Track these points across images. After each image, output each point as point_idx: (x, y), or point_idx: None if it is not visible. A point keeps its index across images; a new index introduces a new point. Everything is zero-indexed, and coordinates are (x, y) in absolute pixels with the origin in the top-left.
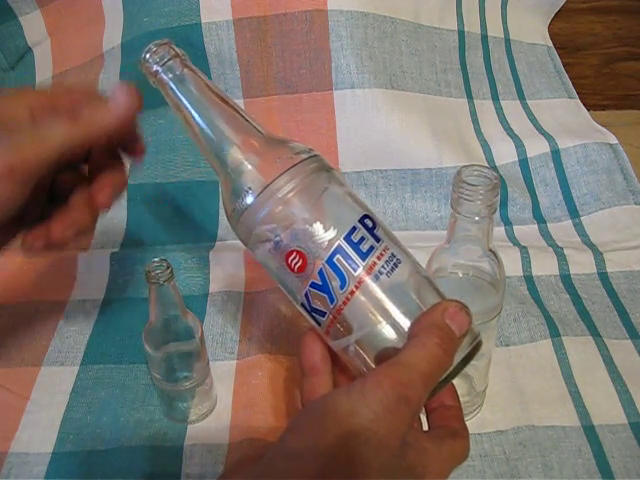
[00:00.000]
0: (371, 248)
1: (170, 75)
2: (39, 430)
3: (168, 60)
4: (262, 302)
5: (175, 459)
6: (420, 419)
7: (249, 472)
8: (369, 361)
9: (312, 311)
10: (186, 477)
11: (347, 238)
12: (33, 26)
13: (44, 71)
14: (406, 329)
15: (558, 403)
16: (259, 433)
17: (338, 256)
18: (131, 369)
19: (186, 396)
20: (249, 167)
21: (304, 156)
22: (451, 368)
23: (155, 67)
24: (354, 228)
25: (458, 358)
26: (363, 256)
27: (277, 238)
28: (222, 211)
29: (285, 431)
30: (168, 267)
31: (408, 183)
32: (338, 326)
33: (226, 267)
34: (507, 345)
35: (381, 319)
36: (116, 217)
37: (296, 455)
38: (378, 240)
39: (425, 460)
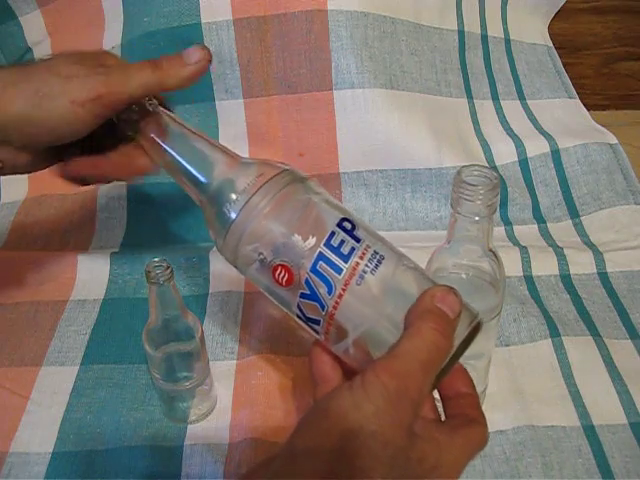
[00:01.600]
0: (352, 249)
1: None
2: (39, 430)
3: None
4: (262, 302)
5: (175, 459)
6: (437, 410)
7: (263, 474)
8: (369, 359)
9: (308, 321)
10: (186, 477)
11: (327, 244)
12: (33, 26)
13: None
14: (399, 322)
15: (558, 403)
16: (259, 433)
17: (321, 262)
18: (131, 369)
19: (186, 396)
20: (225, 190)
21: (277, 171)
22: (452, 351)
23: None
24: (332, 233)
25: (458, 341)
26: (345, 258)
27: (261, 256)
28: None
29: (293, 431)
30: (168, 267)
31: (408, 183)
32: (334, 331)
33: (226, 267)
34: (507, 345)
35: (373, 316)
36: (116, 217)
37: (304, 455)
38: (358, 240)
39: (437, 451)
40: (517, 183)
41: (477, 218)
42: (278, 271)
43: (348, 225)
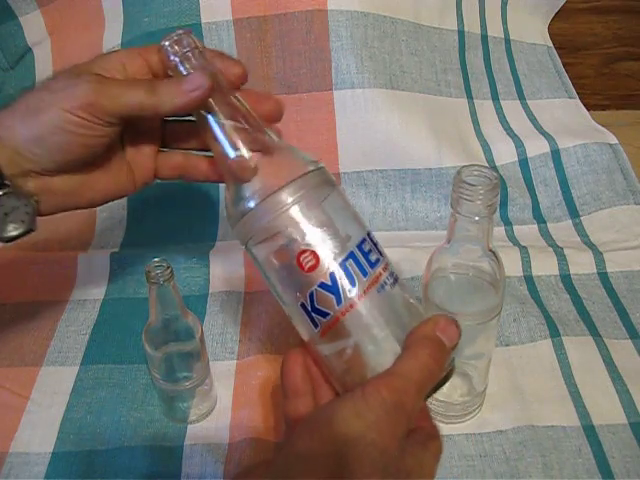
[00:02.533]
0: (377, 260)
1: (187, 66)
2: (39, 430)
3: (187, 51)
4: (262, 302)
5: (175, 459)
6: (432, 420)
7: (263, 474)
8: (365, 365)
9: (313, 311)
10: (186, 477)
11: (359, 246)
12: (33, 26)
13: (44, 71)
14: (401, 337)
15: (558, 403)
16: (259, 433)
17: (350, 261)
18: (131, 369)
19: (186, 396)
20: (257, 170)
21: (311, 168)
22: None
23: (172, 57)
24: (364, 239)
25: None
26: (372, 265)
27: (292, 236)
28: (222, 211)
29: (295, 435)
30: (168, 267)
31: (408, 183)
32: (337, 329)
33: (226, 267)
34: (507, 345)
35: (382, 325)
36: (116, 217)
37: (308, 457)
38: (381, 254)
39: (419, 467)
40: (517, 183)
41: (477, 218)
42: (305, 255)
43: (374, 238)
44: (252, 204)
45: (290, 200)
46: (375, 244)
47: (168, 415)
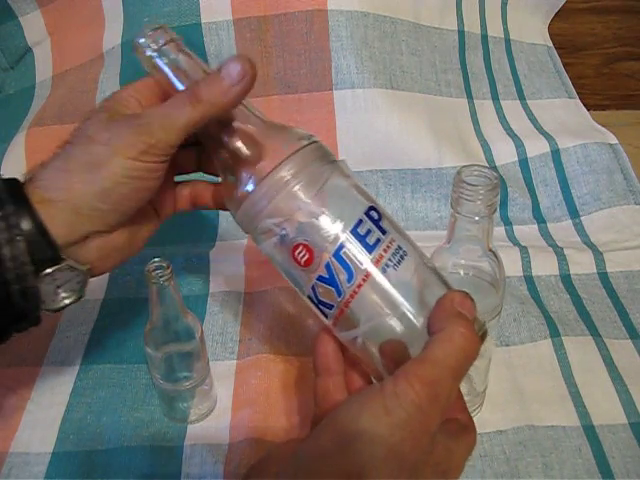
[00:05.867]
0: (377, 241)
1: (165, 60)
2: (39, 430)
3: (163, 45)
4: (262, 302)
5: (175, 459)
6: (467, 411)
7: (282, 470)
8: (376, 353)
9: (319, 304)
10: (186, 477)
11: (354, 231)
12: (33, 26)
13: (44, 71)
14: (414, 321)
15: (558, 403)
16: (259, 433)
17: (345, 249)
18: (131, 369)
19: (186, 396)
20: (248, 153)
21: (305, 142)
22: None
23: (149, 52)
24: (360, 221)
25: None
26: (370, 249)
27: (283, 232)
28: (222, 211)
29: (318, 428)
30: (168, 267)
31: (408, 183)
32: (345, 318)
33: (226, 267)
34: (507, 345)
35: (389, 311)
36: None
37: (329, 455)
38: (384, 232)
39: (448, 457)
40: (517, 183)
41: (477, 218)
42: (299, 250)
43: (375, 214)
44: (250, 188)
45: (287, 183)
46: (376, 221)
47: (168, 415)
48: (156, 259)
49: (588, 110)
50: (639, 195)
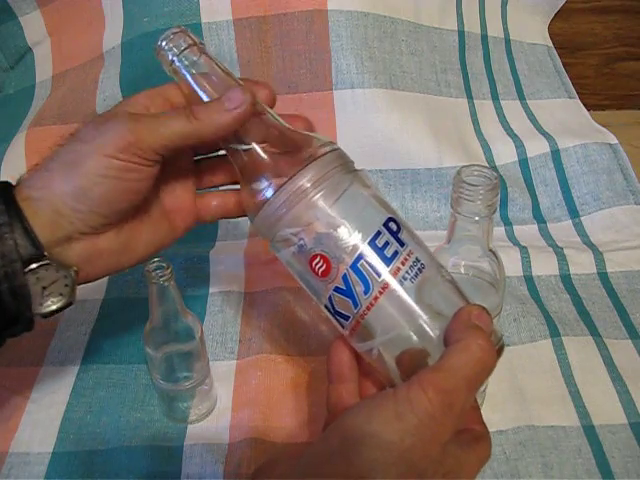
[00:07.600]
0: (395, 253)
1: (187, 63)
2: (39, 430)
3: (185, 49)
4: (262, 302)
5: (175, 459)
6: (483, 421)
7: (289, 471)
8: (393, 365)
9: (336, 314)
10: (186, 477)
11: (371, 243)
12: (33, 26)
13: (44, 71)
14: (431, 333)
15: (558, 403)
16: (259, 433)
17: (362, 261)
18: (131, 369)
19: (186, 396)
20: (268, 159)
21: (325, 150)
22: None
23: (171, 56)
24: (378, 232)
25: None
26: (387, 261)
27: (301, 242)
28: None
29: (328, 430)
30: (168, 267)
31: (408, 183)
32: (362, 330)
33: (226, 267)
34: (507, 345)
35: (405, 324)
36: None
37: (341, 455)
38: (402, 244)
39: (458, 468)
40: (517, 183)
41: (477, 218)
42: (316, 260)
43: (394, 226)
44: (269, 194)
45: (306, 192)
46: (394, 232)
47: (168, 415)
48: (156, 259)
49: (588, 110)
50: (639, 195)
